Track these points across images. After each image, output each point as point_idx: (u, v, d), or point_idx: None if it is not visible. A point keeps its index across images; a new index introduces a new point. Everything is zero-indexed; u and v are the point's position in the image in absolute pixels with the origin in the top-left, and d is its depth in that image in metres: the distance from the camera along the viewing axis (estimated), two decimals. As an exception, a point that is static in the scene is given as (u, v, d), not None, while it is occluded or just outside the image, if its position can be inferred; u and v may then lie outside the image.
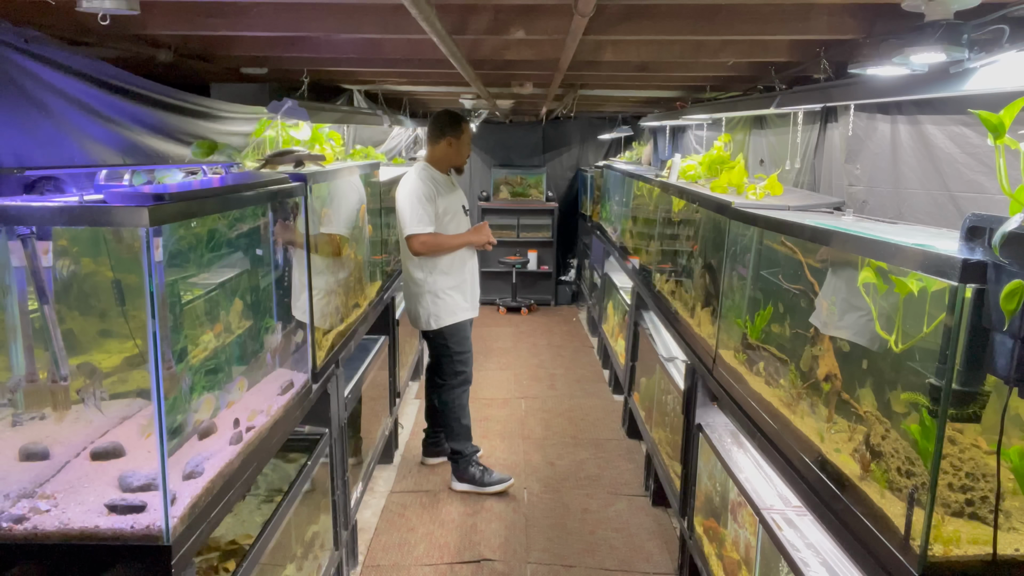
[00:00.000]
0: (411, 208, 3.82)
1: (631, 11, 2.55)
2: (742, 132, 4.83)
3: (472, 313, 4.06)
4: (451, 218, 3.96)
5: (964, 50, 1.91)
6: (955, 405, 1.37)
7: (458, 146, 3.97)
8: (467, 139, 4.01)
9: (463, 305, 3.99)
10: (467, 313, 4.02)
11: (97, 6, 1.67)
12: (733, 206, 2.68)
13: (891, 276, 1.57)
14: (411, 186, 3.88)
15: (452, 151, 3.97)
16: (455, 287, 3.95)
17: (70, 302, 1.75)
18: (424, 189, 3.86)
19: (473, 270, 4.07)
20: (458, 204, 4.03)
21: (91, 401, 1.76)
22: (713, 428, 2.90)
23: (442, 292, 3.92)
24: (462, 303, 3.98)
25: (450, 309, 3.94)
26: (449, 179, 4.04)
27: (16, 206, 1.51)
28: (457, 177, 4.19)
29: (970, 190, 2.39)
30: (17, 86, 2.07)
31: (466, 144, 4.01)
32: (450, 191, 4.00)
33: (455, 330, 3.98)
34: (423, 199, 3.82)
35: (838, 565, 1.98)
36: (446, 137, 3.96)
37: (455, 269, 3.95)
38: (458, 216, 4.00)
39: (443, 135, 3.96)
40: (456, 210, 3.99)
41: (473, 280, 4.05)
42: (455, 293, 3.95)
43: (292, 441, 2.48)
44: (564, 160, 9.67)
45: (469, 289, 4.02)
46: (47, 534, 1.53)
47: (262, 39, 3.01)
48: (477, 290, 4.09)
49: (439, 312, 3.93)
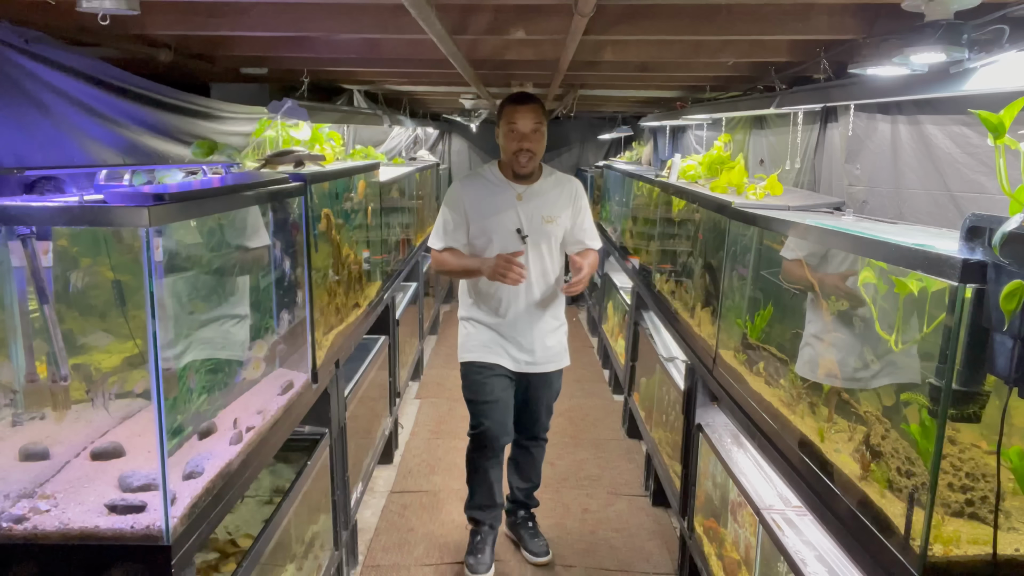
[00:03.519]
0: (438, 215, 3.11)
1: (631, 11, 2.55)
2: (742, 132, 4.83)
3: (494, 358, 3.08)
4: (486, 241, 2.98)
5: (964, 50, 1.91)
6: (955, 405, 1.37)
7: (501, 136, 2.98)
8: (507, 126, 2.91)
9: (485, 343, 3.10)
10: (486, 355, 3.09)
11: (97, 6, 1.67)
12: (733, 206, 2.68)
13: (891, 276, 1.57)
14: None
15: (501, 142, 3.01)
16: (481, 320, 3.11)
17: (70, 302, 1.75)
18: (452, 195, 3.04)
19: (515, 305, 3.04)
20: (505, 224, 2.95)
21: (99, 401, 1.77)
22: (713, 428, 2.90)
23: (467, 321, 3.16)
24: (484, 340, 3.10)
25: (467, 344, 3.14)
26: (515, 185, 2.99)
27: (16, 206, 1.51)
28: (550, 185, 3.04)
29: (970, 190, 2.39)
30: (17, 86, 2.07)
31: (506, 133, 2.93)
32: (500, 203, 2.97)
33: (469, 371, 3.14)
34: (444, 207, 3.05)
35: (838, 565, 1.98)
36: (496, 127, 3.03)
37: (485, 297, 3.09)
38: (498, 240, 2.96)
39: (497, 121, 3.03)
40: (496, 231, 2.96)
41: (514, 320, 3.05)
42: (481, 327, 3.11)
43: (292, 441, 2.48)
44: (564, 160, 9.67)
45: (504, 327, 3.07)
46: (47, 534, 1.53)
47: (262, 39, 3.02)
48: (522, 334, 3.07)
49: (461, 342, 3.19)
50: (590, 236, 3.12)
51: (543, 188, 3.01)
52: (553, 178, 3.07)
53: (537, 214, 2.97)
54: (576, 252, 3.11)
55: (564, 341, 3.20)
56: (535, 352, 3.09)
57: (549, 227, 2.99)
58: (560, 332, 3.17)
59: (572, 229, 3.08)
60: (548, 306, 3.09)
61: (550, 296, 3.08)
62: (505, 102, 2.94)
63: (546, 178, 3.04)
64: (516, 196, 2.96)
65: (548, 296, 3.07)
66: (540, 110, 2.90)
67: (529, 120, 2.86)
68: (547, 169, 3.06)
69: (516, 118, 2.87)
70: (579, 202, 3.08)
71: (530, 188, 2.99)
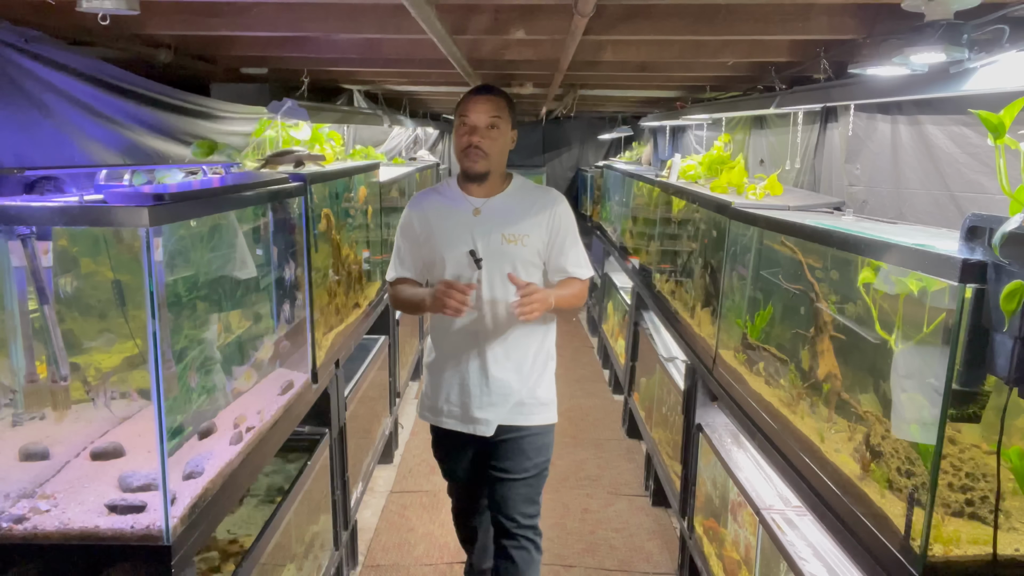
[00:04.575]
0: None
1: (631, 11, 2.55)
2: (742, 132, 4.83)
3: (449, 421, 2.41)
4: (440, 268, 2.36)
5: (964, 50, 1.91)
6: (955, 405, 1.37)
7: (453, 134, 2.41)
8: (458, 119, 2.33)
9: (436, 401, 2.43)
10: (438, 418, 2.43)
11: (97, 6, 1.67)
12: (733, 206, 2.68)
13: (891, 276, 1.57)
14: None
15: (453, 142, 2.43)
16: (436, 367, 2.44)
17: (70, 302, 1.75)
18: (404, 215, 2.47)
19: (470, 348, 2.36)
20: (457, 245, 2.32)
21: (102, 400, 1.77)
22: (713, 428, 2.90)
23: (426, 368, 2.52)
24: (437, 396, 2.42)
25: (422, 399, 2.52)
26: (471, 199, 2.37)
27: (16, 206, 1.51)
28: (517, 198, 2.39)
29: (970, 190, 2.39)
30: (17, 86, 2.07)
31: (456, 127, 2.35)
32: (453, 221, 2.35)
33: (432, 432, 2.54)
34: (398, 230, 2.48)
35: (838, 565, 1.99)
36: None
37: (438, 337, 2.45)
38: (451, 266, 2.33)
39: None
40: (449, 254, 2.33)
41: (466, 366, 2.36)
42: (435, 377, 2.44)
43: (292, 441, 2.48)
44: (564, 160, 9.68)
45: (454, 383, 2.38)
46: (47, 534, 1.53)
47: (262, 39, 3.02)
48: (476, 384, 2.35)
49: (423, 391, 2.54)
50: (573, 261, 2.38)
51: (507, 202, 2.37)
52: (523, 190, 2.41)
53: (495, 232, 2.31)
54: (558, 283, 2.41)
55: (543, 392, 2.40)
56: (494, 408, 2.34)
57: (511, 248, 2.31)
58: (536, 380, 2.39)
59: (550, 253, 2.37)
60: (516, 347, 2.36)
61: (519, 335, 2.36)
62: (464, 96, 2.35)
63: (514, 191, 2.40)
64: (472, 211, 2.34)
65: (515, 335, 2.35)
66: (501, 104, 2.31)
67: (483, 113, 2.27)
68: (518, 180, 2.44)
69: (468, 110, 2.28)
70: (559, 220, 2.36)
71: (489, 202, 2.36)
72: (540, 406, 2.39)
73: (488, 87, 2.37)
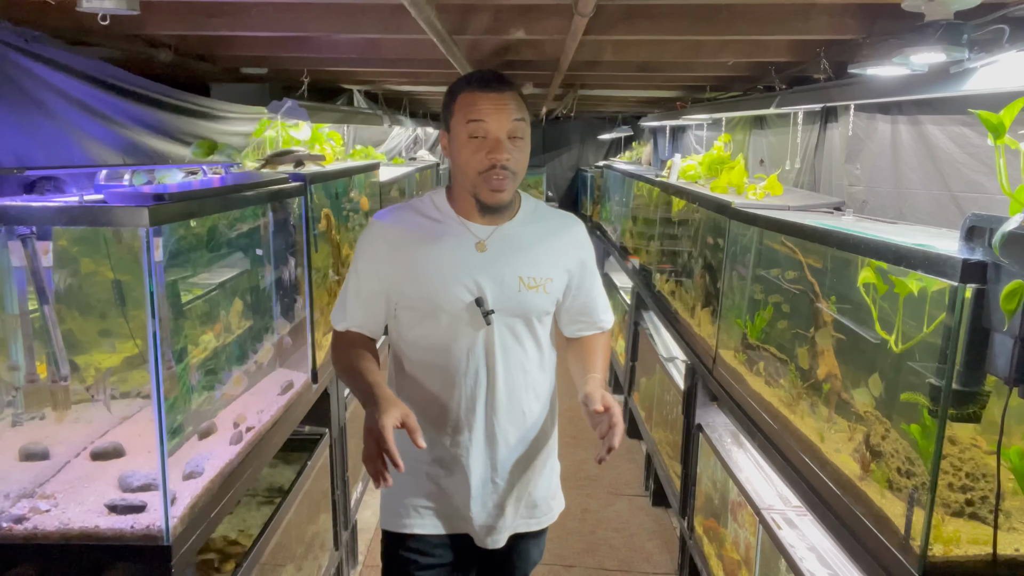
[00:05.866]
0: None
1: (631, 11, 2.55)
2: (742, 132, 4.83)
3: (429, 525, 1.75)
4: (432, 323, 1.69)
5: (964, 50, 1.91)
6: (955, 405, 1.37)
7: (454, 141, 1.64)
8: (469, 125, 1.59)
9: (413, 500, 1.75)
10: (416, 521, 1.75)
11: (97, 6, 1.67)
12: (733, 206, 2.68)
13: (891, 276, 1.57)
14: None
15: (455, 153, 1.64)
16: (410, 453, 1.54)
17: (70, 302, 1.75)
18: (367, 239, 1.73)
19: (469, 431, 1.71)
20: (454, 291, 1.65)
21: (102, 399, 1.76)
22: (713, 428, 2.90)
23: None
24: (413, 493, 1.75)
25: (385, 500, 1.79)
26: (472, 225, 1.69)
27: (16, 206, 1.51)
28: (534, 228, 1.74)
29: (971, 190, 2.39)
30: (17, 86, 2.07)
31: (466, 137, 1.60)
32: (448, 256, 1.66)
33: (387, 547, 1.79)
34: (354, 260, 1.74)
35: (838, 565, 1.99)
36: (443, 129, 1.70)
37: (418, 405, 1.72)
38: (447, 319, 1.67)
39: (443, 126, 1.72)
40: (444, 304, 1.65)
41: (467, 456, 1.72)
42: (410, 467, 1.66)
43: (292, 441, 2.48)
44: (564, 160, 9.68)
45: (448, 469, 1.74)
46: (47, 534, 1.53)
47: (262, 39, 3.02)
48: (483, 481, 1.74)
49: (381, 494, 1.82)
50: (603, 307, 1.88)
51: (522, 232, 1.72)
52: (537, 214, 1.76)
53: (510, 274, 1.67)
54: (575, 335, 1.90)
55: (557, 477, 1.96)
56: (502, 514, 1.76)
57: (531, 297, 1.69)
58: (552, 466, 1.94)
59: (574, 297, 1.82)
60: (533, 428, 1.80)
61: (536, 411, 1.80)
62: (460, 87, 1.64)
63: (527, 216, 1.74)
64: (475, 245, 1.67)
65: (531, 411, 1.78)
66: (519, 99, 1.65)
67: (504, 116, 1.60)
68: (529, 202, 1.77)
69: (483, 112, 1.59)
70: (585, 256, 1.81)
71: (499, 232, 1.69)
72: (555, 498, 1.93)
73: (498, 75, 1.66)
